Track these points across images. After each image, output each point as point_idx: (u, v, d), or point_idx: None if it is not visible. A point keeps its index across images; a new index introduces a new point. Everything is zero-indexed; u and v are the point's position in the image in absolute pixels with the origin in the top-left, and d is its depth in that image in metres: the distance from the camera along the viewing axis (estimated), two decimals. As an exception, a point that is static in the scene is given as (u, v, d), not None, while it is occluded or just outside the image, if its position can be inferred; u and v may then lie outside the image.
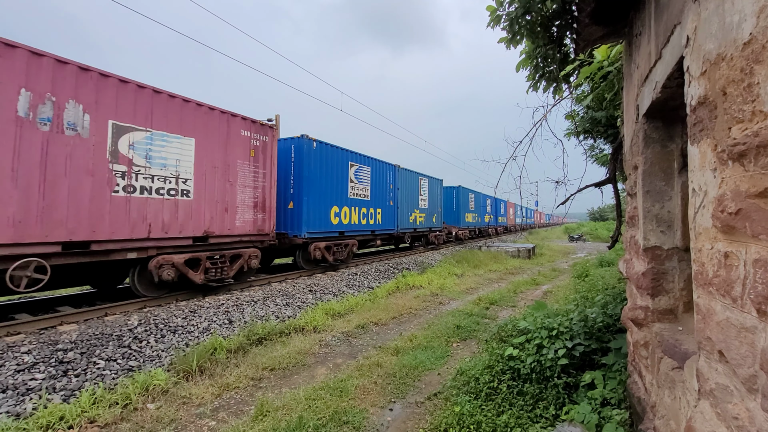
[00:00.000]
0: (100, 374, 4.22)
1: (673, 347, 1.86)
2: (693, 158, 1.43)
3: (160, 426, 3.34)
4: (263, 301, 7.23)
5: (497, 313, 7.14)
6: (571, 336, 3.58)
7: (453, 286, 10.02)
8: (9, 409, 3.46)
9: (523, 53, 4.19)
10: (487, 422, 3.01)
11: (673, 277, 2.23)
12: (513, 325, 4.62)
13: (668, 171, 2.25)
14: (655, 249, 2.26)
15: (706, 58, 1.27)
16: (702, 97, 1.30)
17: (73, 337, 4.81)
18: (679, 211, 2.21)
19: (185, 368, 4.35)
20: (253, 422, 3.32)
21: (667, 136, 2.23)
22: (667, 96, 1.91)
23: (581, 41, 2.92)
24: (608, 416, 2.57)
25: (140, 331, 5.26)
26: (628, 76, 2.74)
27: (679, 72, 1.66)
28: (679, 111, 2.07)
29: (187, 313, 6.13)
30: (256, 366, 4.56)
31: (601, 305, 4.21)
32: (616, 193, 4.53)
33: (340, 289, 8.96)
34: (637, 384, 2.54)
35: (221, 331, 5.74)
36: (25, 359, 4.17)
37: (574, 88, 4.83)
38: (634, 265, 2.56)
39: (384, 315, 6.86)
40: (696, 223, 1.42)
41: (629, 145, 2.71)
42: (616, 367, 3.07)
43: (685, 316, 2.19)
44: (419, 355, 4.85)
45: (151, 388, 3.90)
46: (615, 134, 5.47)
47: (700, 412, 1.38)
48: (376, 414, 3.51)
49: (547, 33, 3.70)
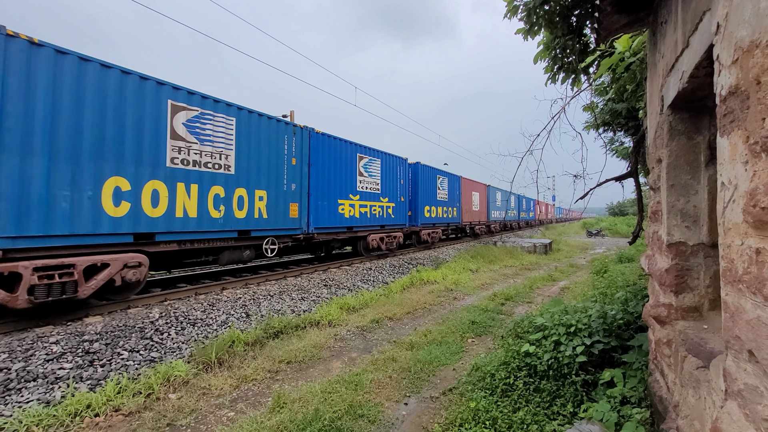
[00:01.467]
0: (124, 364, 4.36)
1: (698, 346, 1.81)
2: (722, 151, 1.37)
3: (181, 415, 3.44)
4: (279, 296, 7.34)
5: (513, 309, 7.07)
6: (590, 333, 3.52)
7: (468, 281, 9.96)
8: (40, 396, 3.62)
9: (540, 44, 4.09)
10: (503, 418, 3.00)
11: (698, 274, 2.16)
12: (529, 321, 4.56)
13: (694, 164, 2.17)
14: (679, 245, 2.19)
15: (738, 46, 1.21)
16: (733, 86, 1.25)
17: (98, 328, 4.98)
18: (705, 205, 2.13)
19: (205, 360, 4.46)
20: (271, 414, 3.38)
21: (693, 128, 2.15)
22: (695, 86, 1.83)
23: (602, 31, 2.83)
24: (628, 415, 2.52)
25: (161, 323, 5.41)
26: (652, 66, 2.65)
27: (707, 61, 1.59)
28: (706, 101, 2.00)
29: (206, 306, 6.27)
30: (273, 359, 4.63)
31: (621, 302, 4.12)
32: (637, 188, 4.41)
33: (354, 284, 9.01)
34: (658, 383, 2.48)
35: (239, 325, 5.85)
36: (54, 349, 4.34)
37: (595, 79, 4.70)
38: (656, 261, 2.49)
39: (398, 310, 6.87)
40: (725, 218, 1.37)
41: (652, 137, 2.63)
42: (637, 365, 3.00)
43: (711, 314, 2.12)
44: (434, 350, 4.84)
45: (172, 379, 4.01)
46: (636, 127, 5.31)
47: (727, 413, 1.34)
48: (391, 408, 3.54)
49: (566, 23, 3.60)
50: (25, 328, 4.82)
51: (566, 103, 4.92)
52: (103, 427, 3.27)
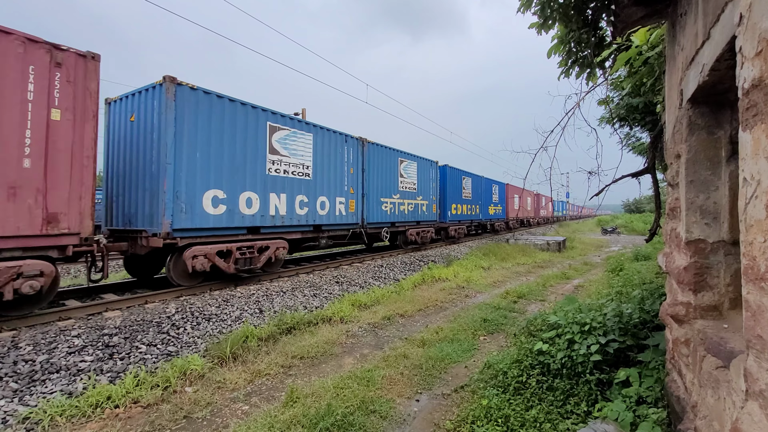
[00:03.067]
0: (142, 358, 4.47)
1: (718, 345, 1.77)
2: (745, 145, 1.33)
3: (197, 408, 3.52)
4: (292, 292, 7.42)
5: (526, 307, 7.01)
6: (605, 332, 3.46)
7: (479, 279, 9.90)
8: (63, 387, 3.74)
9: (555, 38, 4.03)
10: (515, 416, 2.98)
11: (718, 272, 2.11)
12: (543, 319, 4.52)
13: (715, 159, 2.11)
14: (698, 242, 2.14)
15: (762, 37, 1.17)
16: (756, 79, 1.21)
17: (117, 322, 5.12)
18: (726, 202, 2.07)
19: (219, 354, 4.55)
20: (284, 408, 3.43)
21: (714, 122, 2.10)
22: (716, 79, 1.79)
23: (619, 23, 2.77)
24: (644, 415, 2.48)
25: (177, 318, 5.53)
26: (671, 59, 2.58)
27: (729, 53, 1.55)
28: (728, 95, 1.94)
29: (221, 302, 6.38)
30: (286, 354, 4.70)
31: (637, 300, 4.05)
32: (655, 184, 4.32)
33: (366, 281, 9.05)
34: (676, 383, 2.43)
35: (252, 320, 5.94)
36: (75, 342, 4.48)
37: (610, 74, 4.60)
38: (674, 259, 2.44)
39: (410, 307, 6.88)
40: (747, 214, 1.33)
41: (671, 132, 2.57)
42: (653, 365, 2.95)
43: (731, 313, 2.07)
44: (445, 347, 4.84)
45: (188, 373, 4.10)
46: (653, 122, 5.19)
47: (747, 414, 1.31)
48: (403, 404, 3.55)
49: (581, 16, 3.53)
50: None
51: (581, 98, 4.83)
52: (123, 418, 3.37)
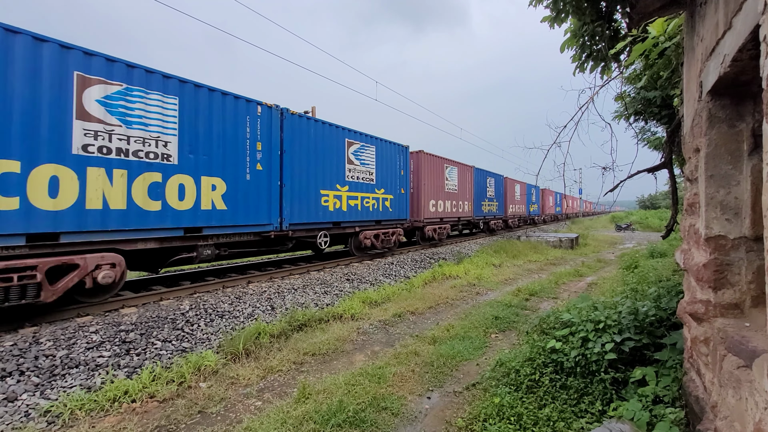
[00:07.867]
0: (157, 354, 4.56)
1: (739, 344, 1.72)
2: (769, 138, 1.29)
3: (211, 403, 3.57)
4: (303, 289, 7.47)
5: (538, 305, 6.94)
6: (620, 330, 3.40)
7: (490, 276, 9.83)
8: (81, 382, 3.84)
9: (567, 32, 3.95)
10: (528, 414, 2.95)
11: (739, 269, 2.05)
12: (555, 317, 4.46)
13: (736, 153, 2.05)
14: (718, 238, 2.09)
15: (789, 24, 1.13)
16: (782, 68, 1.17)
17: (133, 319, 5.22)
18: (748, 197, 2.01)
19: (232, 351, 4.61)
20: (296, 404, 3.46)
21: (735, 115, 2.03)
22: (738, 70, 1.73)
23: (635, 15, 2.70)
24: (661, 414, 2.43)
25: (191, 315, 5.62)
26: (690, 50, 2.51)
27: (753, 42, 1.49)
28: (750, 86, 1.88)
29: (233, 299, 6.46)
30: (298, 351, 4.73)
31: (653, 298, 3.96)
32: (672, 179, 4.22)
33: (376, 278, 9.06)
34: (694, 382, 2.38)
35: (264, 317, 6.00)
36: (94, 338, 4.59)
37: (626, 67, 4.50)
38: (693, 255, 2.38)
39: (420, 304, 6.87)
40: (771, 209, 1.29)
41: (689, 126, 2.50)
42: (670, 364, 2.88)
43: (754, 311, 2.01)
44: (456, 345, 4.82)
45: (202, 368, 4.17)
46: (670, 115, 5.07)
47: (771, 415, 1.27)
48: (414, 401, 3.55)
49: (595, 8, 3.45)
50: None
51: (595, 93, 4.74)
52: (140, 412, 3.44)
